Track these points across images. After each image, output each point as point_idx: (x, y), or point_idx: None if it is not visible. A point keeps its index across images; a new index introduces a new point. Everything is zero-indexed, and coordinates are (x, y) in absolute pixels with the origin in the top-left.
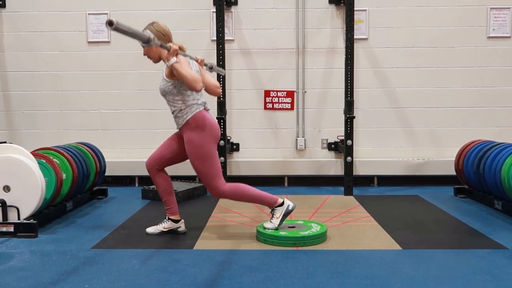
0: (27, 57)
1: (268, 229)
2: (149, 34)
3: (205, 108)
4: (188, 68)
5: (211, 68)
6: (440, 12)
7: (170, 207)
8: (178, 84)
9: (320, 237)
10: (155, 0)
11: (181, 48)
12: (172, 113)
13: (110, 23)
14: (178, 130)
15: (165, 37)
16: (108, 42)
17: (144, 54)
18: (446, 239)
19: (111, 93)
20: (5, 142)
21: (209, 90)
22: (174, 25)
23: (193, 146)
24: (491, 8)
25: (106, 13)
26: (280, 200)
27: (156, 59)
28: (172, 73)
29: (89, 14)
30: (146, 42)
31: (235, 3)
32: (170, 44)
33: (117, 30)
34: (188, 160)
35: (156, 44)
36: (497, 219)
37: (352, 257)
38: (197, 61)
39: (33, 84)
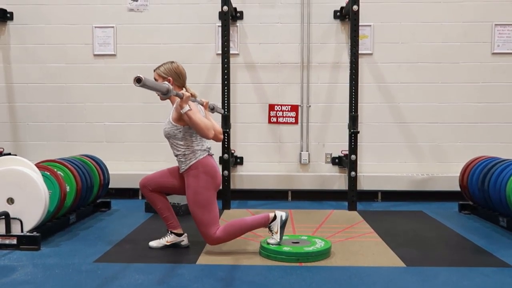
0: (33, 69)
1: (272, 244)
2: (167, 85)
3: (209, 154)
4: (200, 116)
5: (212, 109)
6: (444, 28)
7: (170, 222)
8: (183, 130)
9: (324, 253)
10: (161, 14)
11: (192, 95)
12: (176, 156)
13: (138, 80)
14: (180, 173)
15: (180, 79)
16: (114, 55)
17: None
18: (450, 256)
19: (116, 106)
20: (9, 154)
21: (215, 138)
22: (180, 39)
23: (193, 192)
24: (495, 24)
25: (113, 27)
26: (271, 215)
27: (163, 99)
28: (180, 118)
29: (95, 27)
30: (164, 94)
31: (241, 18)
32: (183, 91)
33: (144, 87)
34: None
35: (172, 94)
36: (502, 237)
37: (356, 274)
38: (202, 104)
39: (39, 96)
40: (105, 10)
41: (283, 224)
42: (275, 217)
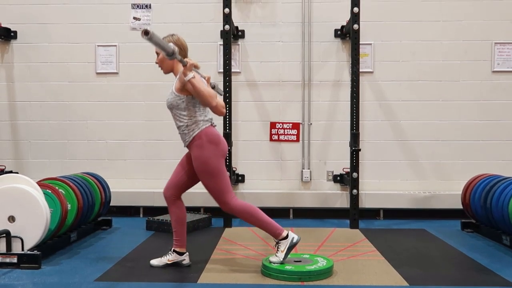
0: (36, 87)
1: (274, 263)
2: (173, 47)
3: (211, 124)
4: (204, 84)
5: (213, 87)
6: (444, 46)
7: (178, 239)
8: (186, 99)
9: (327, 272)
10: (163, 33)
11: (195, 66)
12: (178, 128)
13: (146, 32)
14: (185, 147)
15: (182, 51)
16: (117, 73)
17: (156, 63)
18: (453, 275)
19: (118, 123)
20: (11, 172)
21: (217, 109)
22: None
23: (201, 162)
24: (495, 43)
25: (115, 45)
26: (284, 233)
27: (167, 70)
28: (183, 88)
29: (98, 45)
30: (170, 55)
31: (242, 36)
32: (187, 59)
33: (150, 40)
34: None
35: (177, 58)
36: (505, 255)
37: None
38: (205, 78)
39: (41, 113)
40: (108, 29)
41: (292, 246)
42: (287, 236)
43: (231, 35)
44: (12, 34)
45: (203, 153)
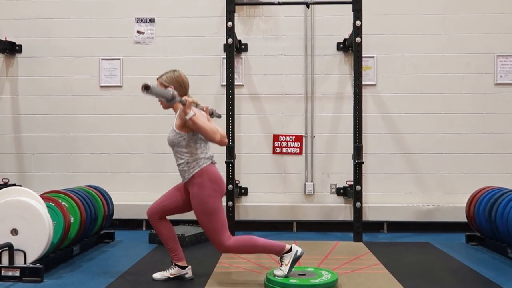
0: (40, 101)
1: (278, 276)
2: (172, 92)
3: (212, 162)
4: (205, 120)
5: (211, 114)
6: (447, 59)
7: (175, 254)
8: (188, 137)
9: (331, 286)
10: (167, 46)
11: (194, 102)
12: (178, 165)
13: (146, 88)
14: (183, 183)
15: (182, 88)
16: (120, 86)
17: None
18: None
19: (121, 136)
20: (14, 185)
21: (220, 142)
22: (185, 70)
23: (199, 201)
24: (497, 55)
25: (119, 59)
26: (287, 246)
27: (166, 107)
28: (183, 125)
29: (102, 59)
30: (169, 101)
31: (245, 50)
32: (185, 97)
33: (151, 94)
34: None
35: (176, 100)
36: (511, 268)
37: None
38: (203, 110)
39: (45, 127)
40: (111, 43)
41: (296, 259)
42: (290, 250)
43: (234, 49)
44: (17, 48)
45: (202, 192)
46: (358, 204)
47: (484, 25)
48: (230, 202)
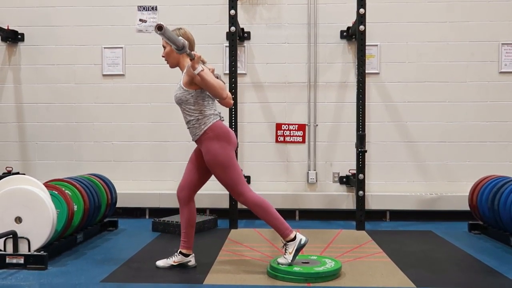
0: (42, 89)
1: (282, 264)
2: (183, 41)
3: (220, 119)
4: (213, 76)
5: (217, 78)
6: (451, 48)
7: (186, 240)
8: (195, 94)
9: (334, 274)
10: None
11: (202, 60)
12: (188, 122)
13: (159, 28)
14: (194, 141)
15: (189, 44)
16: (123, 75)
17: (163, 56)
18: (461, 278)
19: (124, 125)
20: (18, 173)
21: (226, 101)
22: None
23: (212, 155)
24: (502, 43)
25: (122, 47)
26: (292, 234)
27: (174, 64)
28: (191, 82)
29: (104, 48)
30: (180, 49)
31: (248, 38)
32: (194, 52)
33: (163, 35)
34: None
35: (186, 52)
36: None
37: None
38: (209, 70)
39: (48, 115)
40: (114, 31)
41: (300, 248)
42: (294, 238)
43: (237, 37)
44: (19, 36)
45: (214, 146)
46: (360, 192)
47: (489, 13)
48: None
